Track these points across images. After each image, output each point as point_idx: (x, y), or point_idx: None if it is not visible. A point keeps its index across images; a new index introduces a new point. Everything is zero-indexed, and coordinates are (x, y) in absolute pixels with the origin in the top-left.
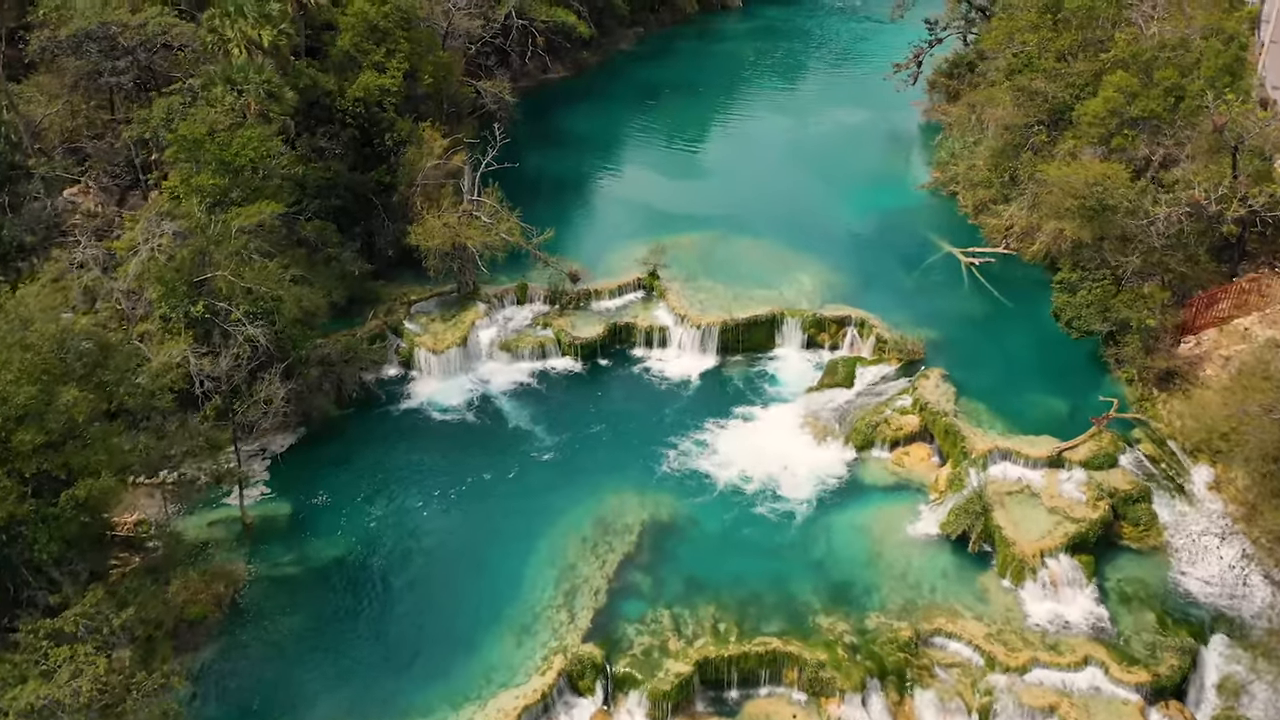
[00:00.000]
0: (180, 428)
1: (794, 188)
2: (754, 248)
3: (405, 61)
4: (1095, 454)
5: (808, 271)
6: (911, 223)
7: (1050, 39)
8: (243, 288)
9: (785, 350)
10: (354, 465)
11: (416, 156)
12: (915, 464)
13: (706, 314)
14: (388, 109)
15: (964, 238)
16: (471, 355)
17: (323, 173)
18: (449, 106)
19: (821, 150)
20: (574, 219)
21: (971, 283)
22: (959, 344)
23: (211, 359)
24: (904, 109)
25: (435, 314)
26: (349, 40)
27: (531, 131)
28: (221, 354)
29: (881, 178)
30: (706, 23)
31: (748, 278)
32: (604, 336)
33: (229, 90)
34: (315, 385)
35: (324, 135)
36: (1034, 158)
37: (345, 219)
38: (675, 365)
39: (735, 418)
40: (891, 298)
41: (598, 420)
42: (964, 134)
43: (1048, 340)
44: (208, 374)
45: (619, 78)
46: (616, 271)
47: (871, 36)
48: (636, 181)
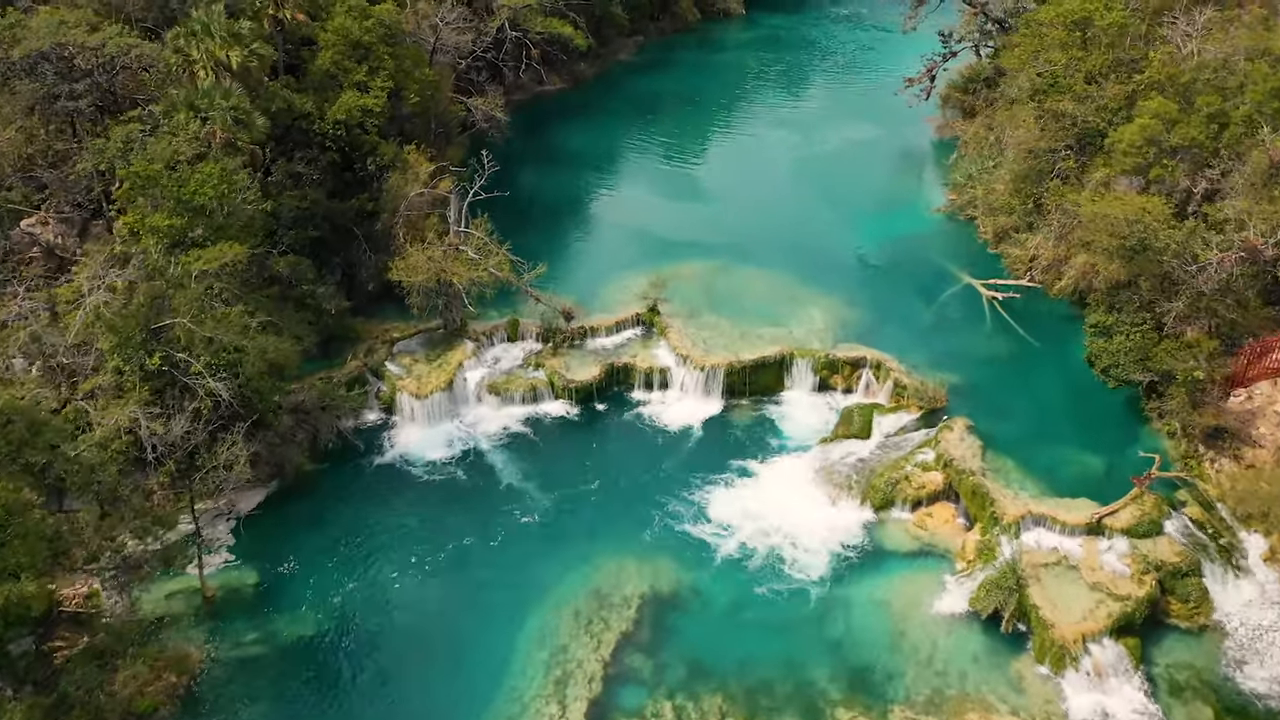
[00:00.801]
0: (126, 505)
1: (801, 210)
2: (760, 278)
3: (389, 80)
4: (1138, 520)
5: (818, 305)
6: (927, 250)
7: (1079, 58)
8: (203, 337)
9: (795, 393)
10: (328, 526)
11: (401, 182)
12: (939, 526)
13: (710, 354)
14: (370, 131)
15: (984, 268)
16: (458, 399)
17: (298, 202)
18: (437, 126)
19: (829, 169)
20: (569, 246)
21: (994, 319)
22: (984, 389)
23: (164, 421)
24: (915, 124)
25: (419, 353)
26: (329, 58)
27: (525, 148)
28: (176, 415)
29: (894, 200)
30: (708, 31)
31: (754, 312)
32: (600, 379)
33: (193, 117)
34: (288, 435)
35: (301, 160)
36: (1061, 185)
37: (324, 250)
38: (677, 410)
39: (742, 472)
40: (909, 335)
41: (593, 474)
42: (981, 154)
43: (1079, 385)
44: (160, 438)
45: (617, 90)
46: (614, 305)
47: (878, 46)
48: (635, 204)
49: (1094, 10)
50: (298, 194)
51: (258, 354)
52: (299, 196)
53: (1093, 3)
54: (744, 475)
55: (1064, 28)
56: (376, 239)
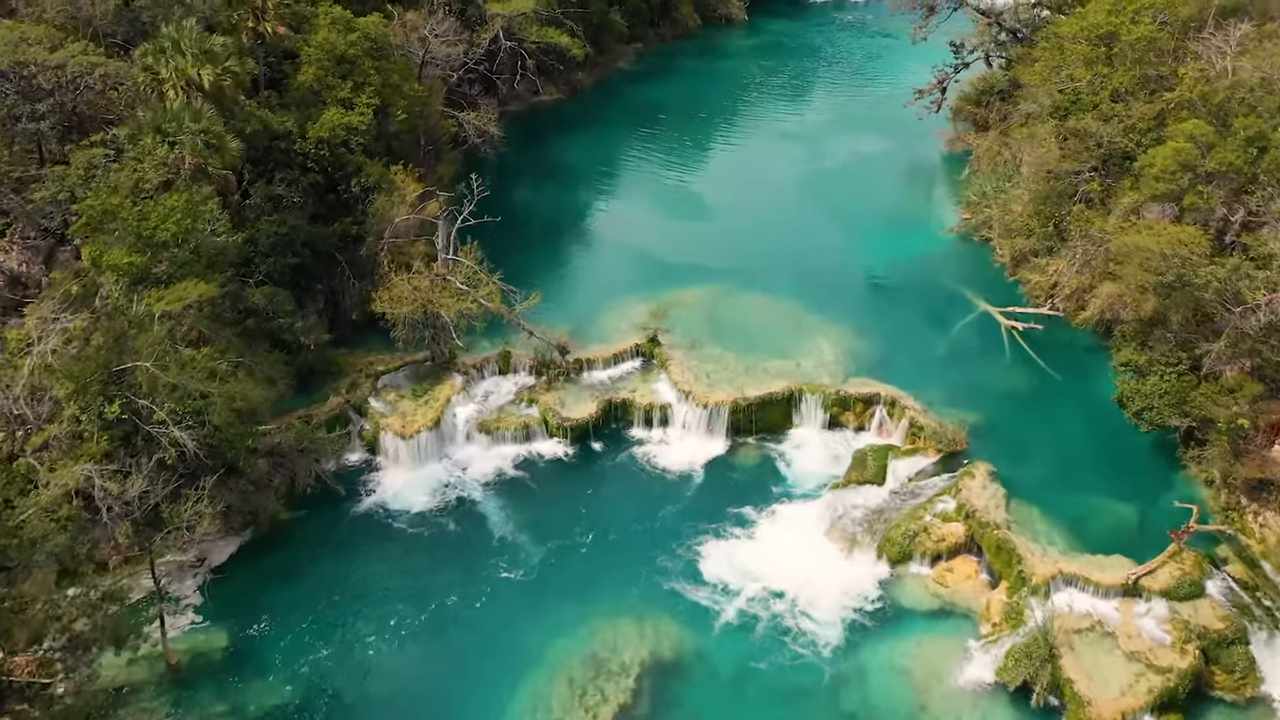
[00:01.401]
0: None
1: (808, 230)
2: (766, 306)
3: (375, 96)
4: (1178, 581)
5: (827, 335)
6: (940, 273)
7: (1105, 75)
8: (167, 383)
9: (804, 431)
10: (304, 581)
11: (387, 205)
12: (961, 583)
13: (714, 390)
14: (355, 150)
15: (1001, 294)
16: (445, 438)
17: (276, 227)
18: (427, 143)
19: (836, 184)
20: (564, 270)
21: (1014, 350)
22: (1005, 429)
23: (121, 479)
24: (924, 137)
25: (405, 388)
26: (312, 74)
27: (520, 163)
28: (136, 470)
29: (904, 219)
30: (709, 38)
31: (760, 343)
32: (597, 416)
33: (160, 141)
34: (263, 481)
35: (282, 182)
36: (1085, 210)
37: (305, 278)
38: (678, 450)
39: (749, 520)
40: (924, 368)
41: (588, 524)
42: (996, 171)
43: (1106, 425)
44: (116, 499)
45: (615, 100)
46: (612, 335)
47: (884, 54)
48: (634, 223)
49: (1120, 24)
50: (276, 219)
51: (225, 402)
52: (277, 222)
53: (1119, 16)
54: (750, 524)
55: (1088, 42)
56: (361, 265)
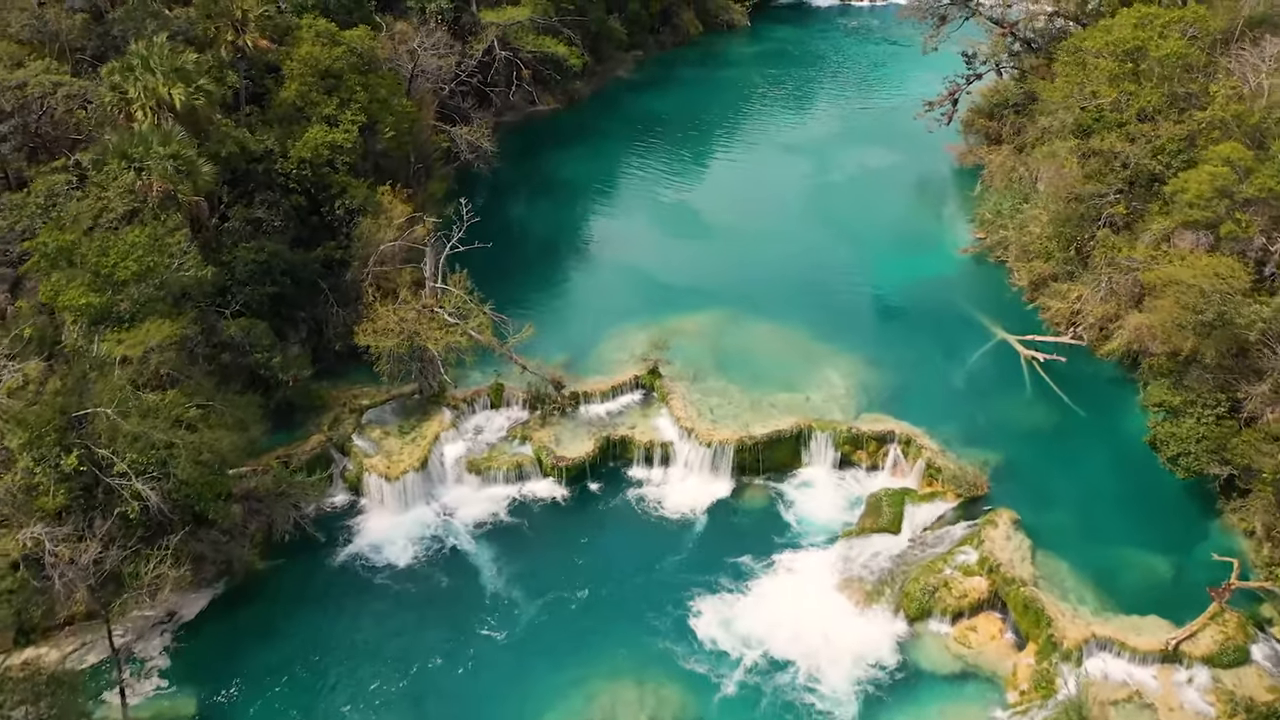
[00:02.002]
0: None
1: (815, 250)
2: (772, 334)
3: (361, 113)
4: (1221, 646)
5: (837, 366)
6: (954, 298)
7: (1132, 93)
8: (128, 432)
9: (814, 471)
10: (279, 639)
11: (372, 228)
12: (985, 643)
13: (718, 427)
14: (339, 170)
15: (1019, 320)
16: (433, 479)
17: (254, 254)
18: (417, 160)
19: (844, 201)
20: (560, 295)
21: (1034, 382)
22: (1028, 471)
23: (74, 541)
24: (934, 150)
25: (391, 423)
26: (295, 90)
27: (514, 177)
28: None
29: (915, 237)
30: (711, 45)
31: (766, 375)
32: (594, 455)
33: (126, 167)
34: (238, 529)
35: (262, 204)
36: (1111, 235)
37: (285, 306)
38: (680, 491)
39: (755, 572)
40: (939, 402)
41: (584, 576)
42: (1010, 188)
43: (1135, 466)
44: (69, 565)
45: (614, 110)
46: (610, 365)
47: (890, 62)
48: (633, 243)
49: (1148, 39)
50: (254, 246)
51: (190, 454)
52: (255, 249)
53: (1146, 30)
54: (757, 576)
55: (1114, 58)
56: (345, 292)
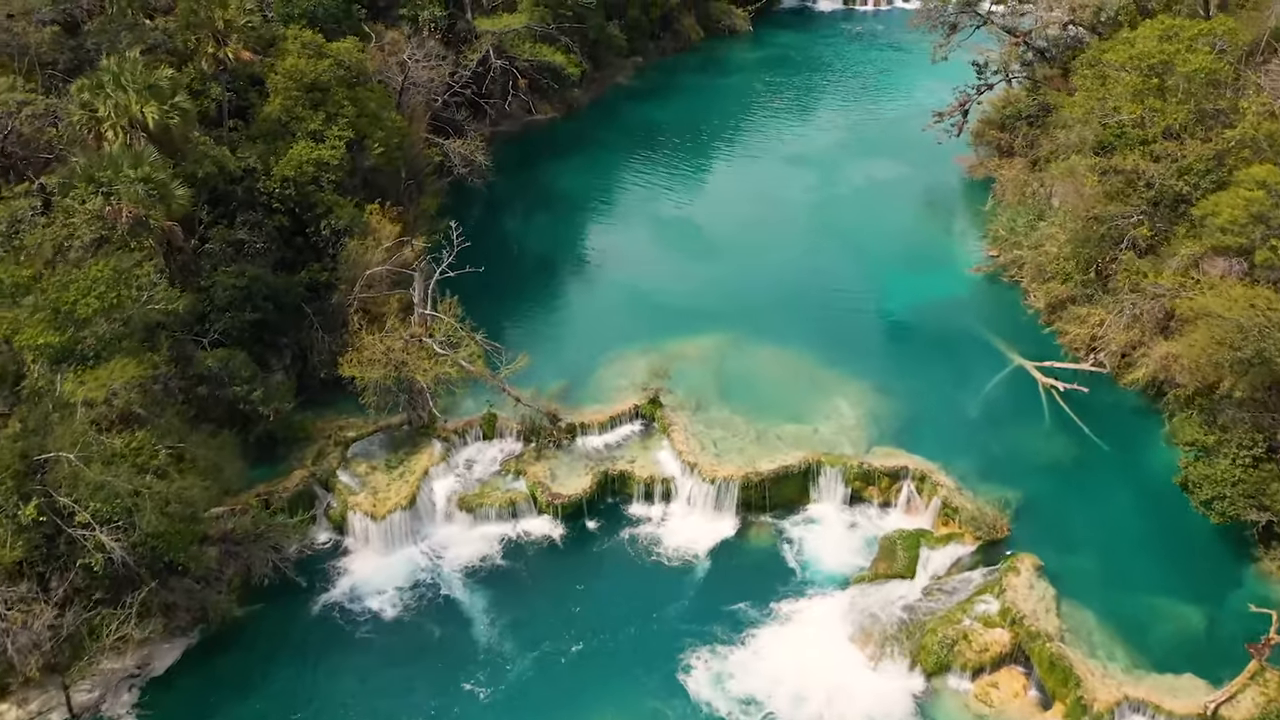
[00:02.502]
0: None
1: (821, 268)
2: (777, 359)
3: (349, 128)
4: (1263, 710)
5: (846, 394)
6: (967, 320)
7: (1157, 110)
8: (91, 481)
9: (823, 508)
10: (255, 694)
11: (359, 250)
12: (1008, 701)
13: (722, 461)
14: (326, 188)
15: (1035, 344)
16: (422, 516)
17: (234, 279)
18: (407, 177)
19: (850, 215)
20: (556, 317)
21: (1053, 412)
22: (1050, 511)
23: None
24: (943, 162)
25: (379, 456)
26: (279, 104)
27: (510, 191)
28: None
29: (925, 254)
30: (712, 51)
31: (772, 404)
32: (592, 491)
33: (94, 191)
34: (213, 574)
35: (244, 225)
36: (1135, 258)
37: (268, 332)
38: (682, 530)
39: (762, 619)
40: (954, 435)
41: (580, 624)
42: (1023, 203)
43: (1164, 507)
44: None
45: (613, 119)
46: (609, 393)
47: (896, 68)
48: (632, 262)
49: (1174, 53)
50: (234, 270)
51: (157, 505)
52: (235, 273)
53: (1172, 44)
54: (762, 626)
55: (1137, 73)
56: (331, 317)
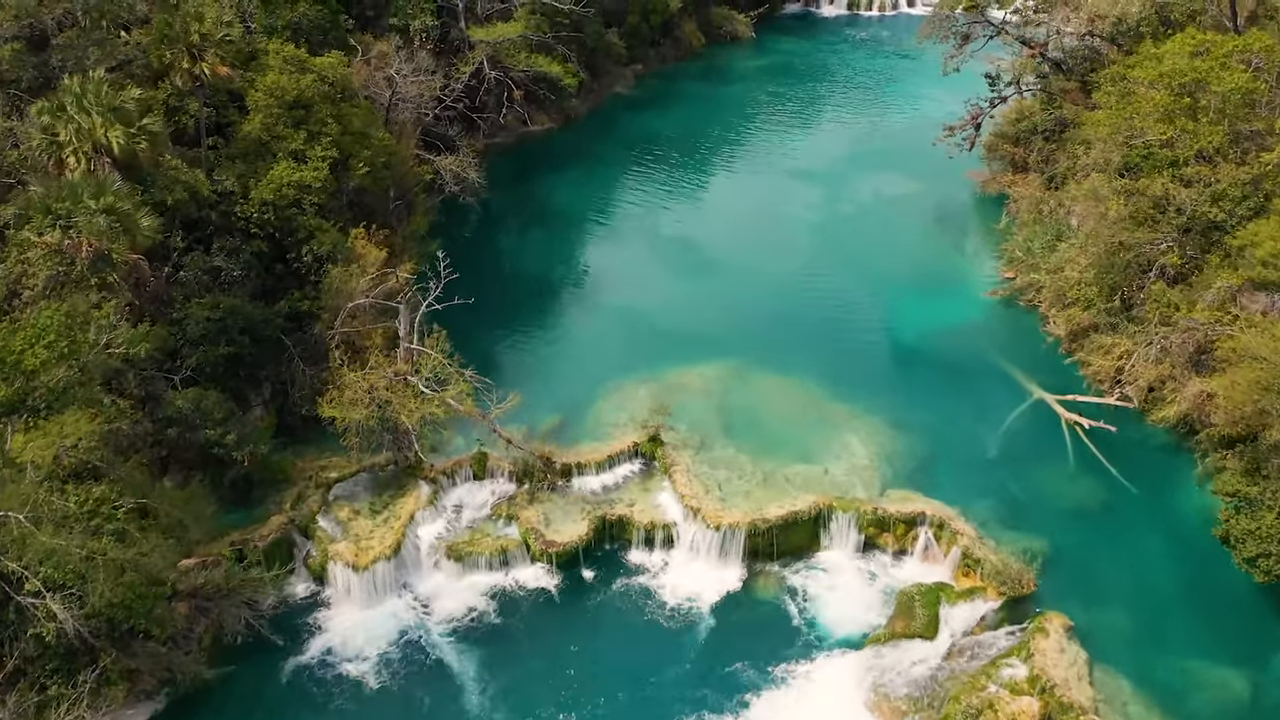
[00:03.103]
0: None
1: (828, 291)
2: (784, 391)
3: (333, 147)
4: None
5: (857, 430)
6: (983, 347)
7: (1189, 131)
8: (41, 545)
9: (835, 555)
10: None
11: (343, 278)
12: None
13: (727, 506)
14: (307, 211)
15: (1056, 375)
16: (407, 565)
17: (209, 311)
18: (396, 197)
19: (858, 234)
20: (551, 344)
21: (1078, 451)
22: (1078, 563)
23: None
24: (954, 176)
25: (362, 499)
26: (260, 123)
27: (504, 207)
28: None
29: (937, 276)
30: (714, 58)
31: (780, 441)
32: (589, 537)
33: (51, 224)
34: (182, 633)
35: (220, 251)
36: (1165, 288)
37: (245, 366)
38: (684, 581)
39: (769, 683)
40: (973, 476)
41: (577, 687)
42: (1039, 221)
43: (1199, 558)
44: None
45: (611, 130)
46: (607, 429)
47: (902, 77)
48: (630, 284)
49: (1208, 71)
50: (208, 301)
51: (111, 575)
52: (209, 305)
53: (1205, 61)
54: (771, 690)
55: (1168, 91)
56: (313, 347)
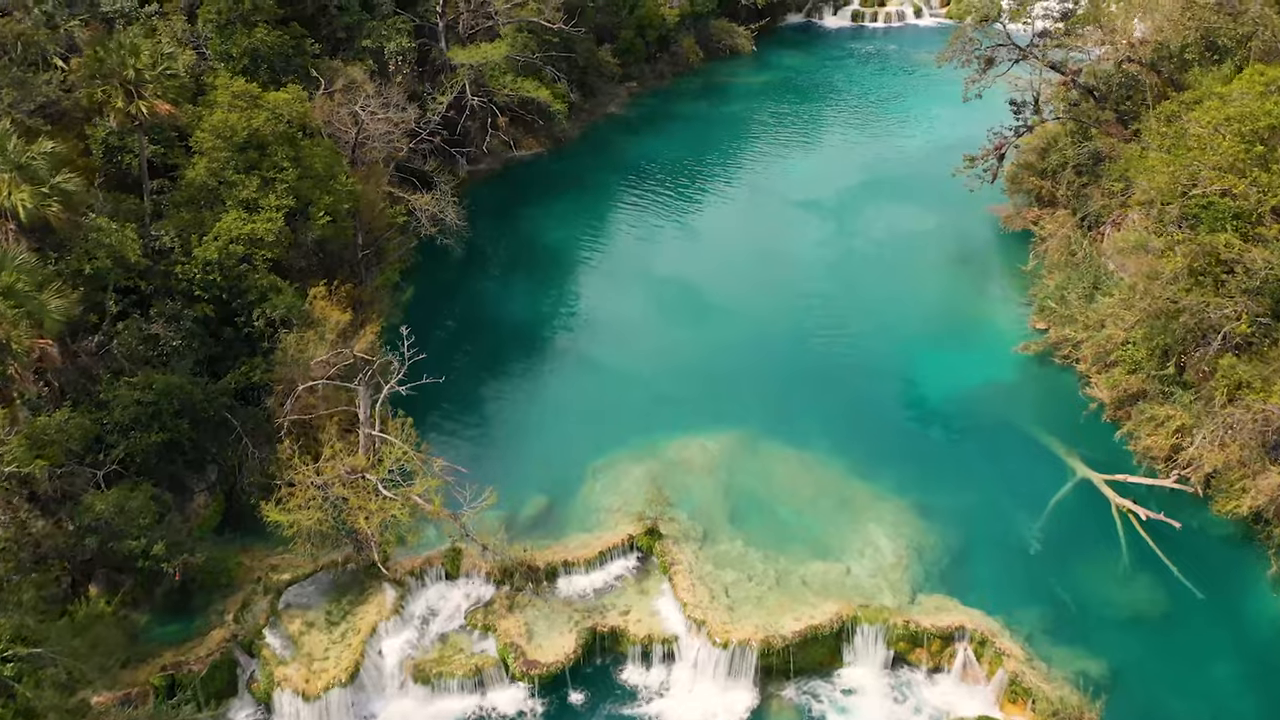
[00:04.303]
0: None
1: (842, 345)
2: (798, 466)
3: (290, 195)
4: None
5: (882, 519)
6: (1017, 414)
7: (1264, 185)
8: None
9: (860, 673)
10: None
11: (299, 345)
12: None
13: (736, 618)
14: (260, 268)
15: (1101, 447)
16: (368, 690)
17: (139, 393)
18: (364, 245)
19: (872, 277)
20: (533, 411)
21: (1132, 543)
22: (1142, 690)
23: None
24: (974, 209)
25: (317, 605)
26: (206, 168)
27: (486, 243)
28: None
29: (961, 327)
30: (713, 75)
31: (794, 533)
32: (577, 654)
33: None
34: None
35: (160, 317)
36: (1233, 362)
37: (183, 452)
38: (686, 704)
39: None
40: (1015, 575)
41: None
42: (1071, 262)
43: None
44: None
45: (604, 156)
46: (597, 516)
47: (912, 94)
48: (623, 337)
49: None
50: (139, 381)
51: None
52: (141, 385)
53: (1276, 102)
54: None
55: (1236, 138)
56: (266, 423)
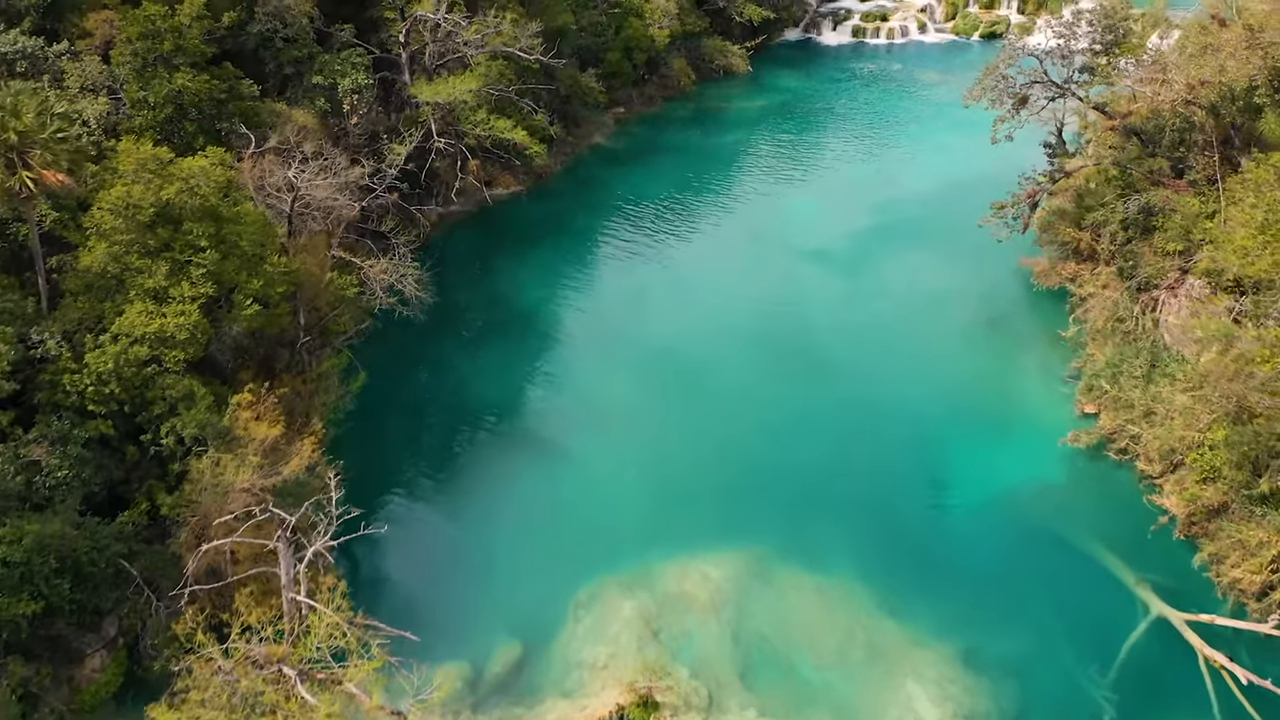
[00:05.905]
0: None
1: (863, 436)
2: (818, 602)
3: (209, 281)
4: None
5: (922, 675)
6: (1071, 524)
7: None
8: None
9: None
10: None
11: (213, 472)
12: None
13: None
14: (171, 370)
15: (1176, 573)
16: None
17: (4, 550)
18: (308, 327)
19: (892, 348)
20: (504, 528)
21: (1225, 704)
22: None
23: None
24: (1000, 258)
25: None
26: (105, 252)
27: (453, 304)
28: None
29: (997, 410)
30: (705, 98)
31: (818, 696)
32: None
33: None
34: None
35: (43, 440)
36: None
37: (70, 616)
38: None
39: None
40: None
41: None
42: (1120, 336)
43: None
44: None
45: (588, 194)
46: (579, 672)
47: (921, 120)
48: (608, 425)
49: None
50: (8, 530)
51: None
52: (9, 536)
53: None
54: None
55: None
56: (172, 567)
